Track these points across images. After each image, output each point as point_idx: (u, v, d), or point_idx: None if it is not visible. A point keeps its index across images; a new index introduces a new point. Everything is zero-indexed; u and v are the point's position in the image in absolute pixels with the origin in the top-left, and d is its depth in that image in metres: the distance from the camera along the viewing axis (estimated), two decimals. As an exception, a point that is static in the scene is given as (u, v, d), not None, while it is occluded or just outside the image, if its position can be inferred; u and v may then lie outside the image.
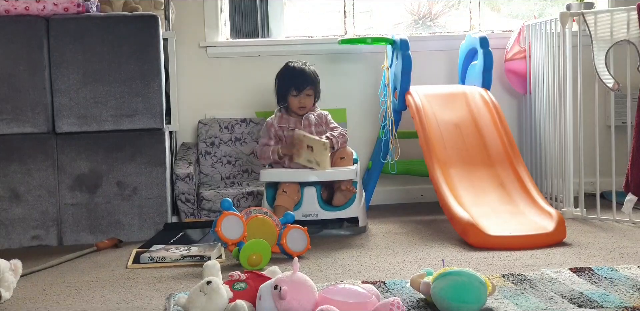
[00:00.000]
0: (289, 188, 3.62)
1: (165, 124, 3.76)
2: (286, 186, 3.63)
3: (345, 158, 3.78)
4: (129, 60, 3.66)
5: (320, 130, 3.84)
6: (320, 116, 3.88)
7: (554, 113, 4.05)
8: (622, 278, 2.62)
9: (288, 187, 3.63)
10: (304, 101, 3.81)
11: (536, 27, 4.23)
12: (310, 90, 3.82)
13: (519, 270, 2.82)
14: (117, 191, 3.68)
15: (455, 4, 5.26)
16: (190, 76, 4.52)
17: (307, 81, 3.82)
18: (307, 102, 3.82)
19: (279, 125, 3.83)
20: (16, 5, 3.60)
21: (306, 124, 3.81)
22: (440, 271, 2.33)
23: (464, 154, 3.85)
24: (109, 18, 3.71)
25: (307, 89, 3.81)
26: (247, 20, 5.01)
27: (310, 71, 3.89)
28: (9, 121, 3.59)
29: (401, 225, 3.87)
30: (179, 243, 3.42)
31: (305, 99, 3.81)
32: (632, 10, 3.65)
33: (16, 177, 3.61)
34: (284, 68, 3.93)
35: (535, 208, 3.54)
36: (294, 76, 3.85)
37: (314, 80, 3.87)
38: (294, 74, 3.85)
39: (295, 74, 3.85)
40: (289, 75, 3.87)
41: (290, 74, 3.87)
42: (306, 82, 3.82)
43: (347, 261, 3.10)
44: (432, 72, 4.62)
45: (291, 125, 3.82)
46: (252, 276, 2.34)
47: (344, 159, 3.77)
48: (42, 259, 3.25)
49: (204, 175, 4.34)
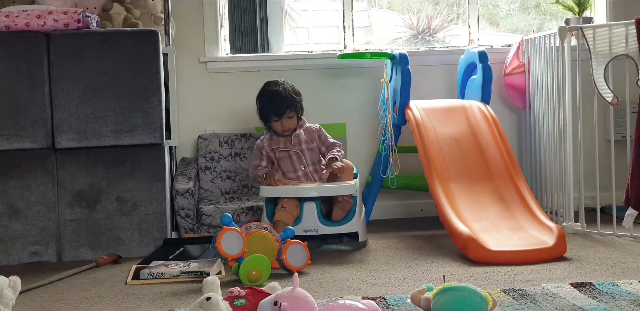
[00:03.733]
0: (287, 203, 3.62)
1: (165, 139, 3.76)
2: (285, 201, 3.63)
3: (342, 177, 3.76)
4: (128, 75, 3.66)
5: (311, 147, 3.83)
6: (311, 131, 3.87)
7: (553, 127, 4.05)
8: (623, 293, 2.62)
9: (287, 202, 3.62)
10: (286, 124, 3.79)
11: (535, 41, 4.24)
12: (290, 112, 3.78)
13: (519, 285, 2.82)
14: (117, 207, 3.67)
15: (454, 18, 5.29)
16: (190, 91, 4.53)
17: (284, 105, 3.77)
18: (290, 124, 3.80)
19: (270, 147, 3.83)
20: (17, 21, 3.61)
21: (296, 142, 3.81)
22: (441, 287, 2.32)
23: (463, 168, 3.85)
24: (109, 34, 3.72)
25: (287, 113, 3.77)
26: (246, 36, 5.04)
27: (287, 92, 3.81)
28: (8, 137, 3.59)
29: (401, 240, 3.86)
30: (179, 259, 3.41)
31: (287, 121, 3.78)
32: (631, 25, 3.66)
33: (15, 193, 3.60)
34: (261, 92, 3.90)
35: (536, 222, 3.53)
36: (271, 101, 3.80)
37: (292, 102, 3.80)
38: (271, 99, 3.81)
39: (272, 99, 3.80)
40: (267, 100, 3.83)
41: (267, 98, 3.83)
42: (284, 106, 3.77)
43: (347, 276, 3.09)
44: (432, 87, 4.63)
45: (281, 146, 3.81)
46: (251, 292, 2.34)
47: (341, 177, 3.76)
48: (41, 275, 3.24)
49: (203, 190, 4.34)
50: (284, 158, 3.82)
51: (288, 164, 3.81)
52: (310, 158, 3.83)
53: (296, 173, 3.80)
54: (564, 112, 3.94)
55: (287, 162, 3.81)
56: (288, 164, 3.81)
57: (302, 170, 3.80)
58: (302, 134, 3.83)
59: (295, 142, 3.81)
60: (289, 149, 3.80)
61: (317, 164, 3.84)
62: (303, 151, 3.80)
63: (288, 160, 3.81)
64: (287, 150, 3.80)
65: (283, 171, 3.82)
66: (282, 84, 3.88)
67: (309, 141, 3.84)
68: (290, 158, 3.81)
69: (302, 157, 3.81)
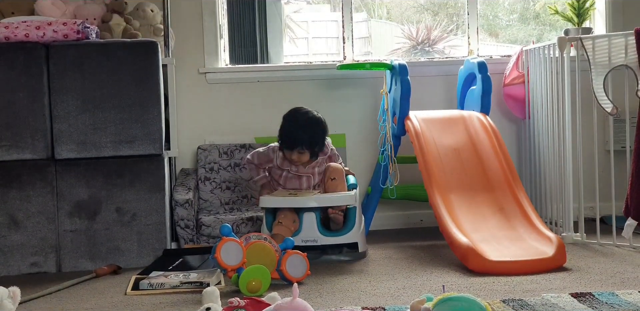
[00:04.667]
0: (285, 219, 3.60)
1: (164, 150, 3.76)
2: (282, 217, 3.61)
3: (336, 178, 3.76)
4: (128, 86, 3.67)
5: (321, 170, 3.84)
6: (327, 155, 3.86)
7: (553, 138, 4.06)
8: (622, 303, 2.61)
9: (284, 218, 3.60)
10: (296, 158, 3.76)
11: (534, 52, 4.25)
12: (302, 149, 3.72)
13: (519, 295, 2.81)
14: (116, 218, 3.67)
15: (454, 29, 5.30)
16: (189, 102, 4.53)
17: (298, 142, 3.71)
18: (302, 158, 3.77)
19: (282, 167, 3.81)
20: (16, 32, 3.62)
21: (312, 165, 3.81)
22: (441, 297, 2.32)
23: (463, 179, 3.85)
24: (108, 45, 3.72)
25: (297, 148, 3.72)
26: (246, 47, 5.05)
27: (308, 129, 3.72)
28: (8, 148, 3.59)
29: (401, 250, 3.86)
30: (178, 270, 3.40)
31: (298, 156, 3.75)
32: (630, 36, 3.67)
33: (15, 203, 3.60)
34: (286, 116, 3.82)
35: (535, 233, 3.53)
36: (288, 132, 3.75)
37: (309, 140, 3.72)
38: (288, 130, 3.75)
39: (289, 131, 3.75)
40: (284, 129, 3.77)
41: (287, 129, 3.77)
42: (297, 143, 3.71)
43: (346, 287, 3.09)
44: (431, 97, 4.63)
45: (292, 169, 3.80)
46: (251, 303, 2.33)
47: (335, 179, 3.77)
48: (40, 286, 3.23)
49: (203, 201, 4.34)
50: (292, 178, 3.81)
51: (295, 184, 3.82)
52: (318, 179, 3.84)
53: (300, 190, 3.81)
54: (563, 122, 3.94)
55: (295, 182, 3.82)
56: (295, 184, 3.82)
57: (304, 189, 3.80)
58: (316, 172, 3.83)
59: (308, 168, 3.81)
60: (301, 174, 3.81)
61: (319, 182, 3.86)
62: (314, 174, 3.80)
63: (297, 181, 3.82)
64: (300, 174, 3.81)
65: (286, 187, 3.83)
66: (311, 117, 3.79)
67: (322, 163, 3.85)
68: (300, 180, 3.82)
69: (311, 179, 3.81)
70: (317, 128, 3.77)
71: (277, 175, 3.83)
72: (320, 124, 3.79)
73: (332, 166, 3.81)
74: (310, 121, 3.77)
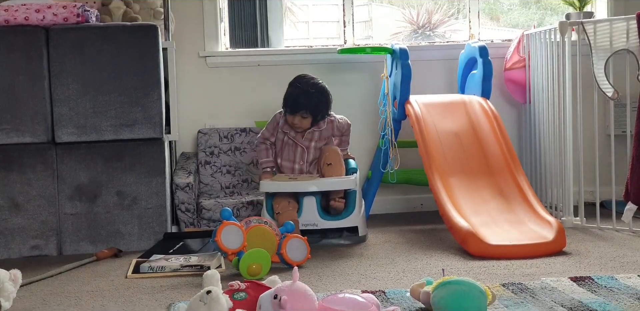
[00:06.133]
0: (280, 207, 3.62)
1: (164, 134, 3.76)
2: (277, 207, 3.63)
3: (332, 163, 3.76)
4: (128, 70, 3.66)
5: (319, 145, 3.84)
6: (333, 128, 3.87)
7: (553, 122, 4.05)
8: (622, 287, 2.62)
9: (280, 206, 3.62)
10: (298, 122, 3.77)
11: (535, 36, 4.24)
12: (305, 113, 3.75)
13: (518, 279, 2.82)
14: (117, 201, 3.67)
15: (455, 13, 5.28)
16: (189, 86, 4.52)
17: (301, 106, 3.73)
18: (303, 124, 3.78)
19: (282, 129, 3.83)
20: (16, 15, 3.61)
21: (308, 138, 3.81)
22: (440, 281, 2.33)
23: (463, 163, 3.85)
24: (108, 28, 3.71)
25: (300, 112, 3.75)
26: (246, 30, 5.03)
27: (313, 94, 3.75)
28: (8, 131, 3.59)
29: (401, 234, 3.86)
30: (179, 253, 3.41)
31: (300, 120, 3.76)
32: (632, 20, 3.66)
33: (16, 187, 3.61)
34: (291, 82, 3.87)
35: (535, 217, 3.54)
36: (292, 97, 3.77)
37: (312, 105, 3.75)
38: (292, 95, 3.78)
39: (293, 95, 3.77)
40: (289, 93, 3.81)
41: (289, 93, 3.81)
42: (300, 107, 3.73)
43: (346, 270, 3.10)
44: (432, 82, 4.62)
45: (291, 134, 3.82)
46: (252, 286, 2.34)
47: (331, 165, 3.76)
48: (41, 269, 3.24)
49: (203, 185, 4.34)
50: (290, 146, 3.82)
51: (291, 153, 3.82)
52: (312, 156, 3.83)
53: (293, 164, 3.81)
54: (564, 107, 3.93)
55: (291, 151, 3.82)
56: (291, 153, 3.82)
57: (299, 165, 3.81)
58: (316, 134, 3.83)
59: (306, 138, 3.81)
60: (297, 142, 3.81)
61: (315, 160, 3.85)
62: (309, 148, 3.80)
63: (292, 150, 3.82)
64: (295, 142, 3.80)
65: (282, 157, 3.82)
66: (316, 84, 3.82)
67: (323, 139, 3.85)
68: (295, 149, 3.81)
69: (305, 154, 3.81)
70: (321, 95, 3.79)
71: (280, 140, 3.84)
72: (325, 92, 3.82)
73: (328, 150, 3.81)
74: (316, 88, 3.80)
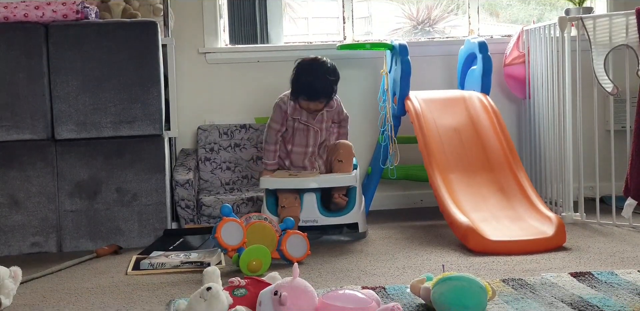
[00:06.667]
0: (287, 201, 3.62)
1: (164, 131, 3.76)
2: (284, 200, 3.63)
3: (343, 161, 3.75)
4: (128, 66, 3.66)
5: (329, 126, 3.84)
6: (333, 108, 3.84)
7: (553, 118, 4.05)
8: (622, 283, 2.62)
9: (286, 201, 3.62)
10: (314, 106, 3.72)
11: (535, 32, 4.23)
12: (322, 99, 3.70)
13: (519, 275, 2.82)
14: (117, 198, 3.67)
15: (454, 9, 5.28)
16: (189, 82, 4.52)
17: (321, 93, 3.68)
18: (318, 107, 3.73)
19: (292, 116, 3.77)
20: (15, 12, 3.60)
21: (320, 119, 3.79)
22: (441, 276, 2.33)
23: (463, 159, 3.85)
24: (108, 25, 3.71)
25: (319, 99, 3.70)
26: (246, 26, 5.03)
27: (329, 79, 3.69)
28: (8, 128, 3.59)
29: (401, 230, 3.86)
30: (179, 249, 3.41)
31: (316, 104, 3.72)
32: (631, 15, 3.66)
33: (15, 184, 3.61)
34: (304, 66, 3.75)
35: (535, 212, 3.54)
36: (309, 84, 3.67)
37: (329, 90, 3.70)
38: (309, 83, 3.67)
39: (311, 83, 3.67)
40: (306, 81, 3.68)
41: (306, 81, 3.69)
42: (320, 94, 3.68)
43: (347, 266, 3.10)
44: (431, 77, 4.62)
45: (303, 118, 3.76)
46: (252, 282, 2.34)
47: (342, 162, 3.76)
48: (41, 266, 3.24)
49: (203, 181, 4.34)
50: (301, 131, 3.78)
51: (303, 137, 3.79)
52: (322, 137, 3.82)
53: (306, 148, 3.79)
54: (563, 102, 3.93)
55: (303, 135, 3.79)
56: (303, 137, 3.79)
57: (311, 148, 3.79)
58: (325, 114, 3.81)
59: (318, 120, 3.79)
60: (310, 125, 3.79)
61: (324, 142, 3.85)
62: (322, 129, 3.79)
63: (304, 134, 3.79)
64: (308, 125, 3.79)
65: (294, 143, 3.81)
66: (328, 67, 3.74)
67: (329, 119, 3.84)
68: (307, 133, 3.79)
69: (318, 135, 3.79)
70: (334, 78, 3.74)
71: (290, 127, 3.79)
72: (337, 74, 3.78)
73: (342, 147, 3.79)
74: (331, 71, 3.74)
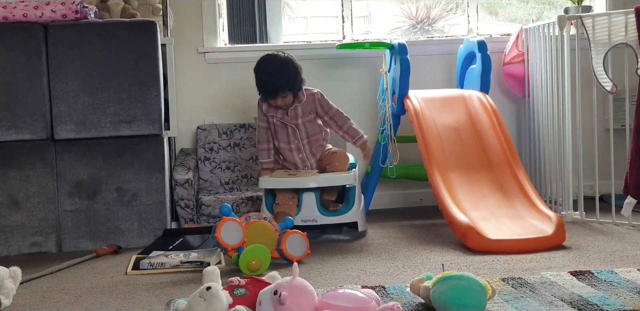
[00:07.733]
0: (283, 199, 3.63)
1: (164, 130, 3.76)
2: (280, 198, 3.64)
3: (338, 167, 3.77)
4: (127, 66, 3.66)
5: (309, 119, 3.79)
6: (310, 102, 3.79)
7: (552, 117, 4.05)
8: (621, 281, 2.62)
9: (282, 198, 3.64)
10: (282, 102, 3.71)
11: (534, 30, 4.23)
12: (284, 93, 3.67)
13: (518, 274, 2.82)
14: (116, 197, 3.67)
15: (453, 8, 5.28)
16: (188, 82, 4.52)
17: (277, 89, 3.66)
18: (286, 102, 3.71)
19: (268, 114, 3.77)
20: (14, 12, 3.60)
21: (293, 115, 3.76)
22: (440, 276, 2.33)
23: (463, 158, 3.85)
24: (107, 24, 3.71)
25: (280, 94, 3.67)
26: (245, 26, 5.02)
27: (283, 72, 3.67)
28: (7, 128, 3.59)
29: (400, 229, 3.86)
30: (179, 249, 3.41)
31: (282, 100, 3.69)
32: (630, 14, 3.66)
33: (15, 184, 3.61)
34: (258, 66, 3.75)
35: (535, 211, 3.54)
36: (262, 82, 3.70)
37: (286, 82, 3.67)
38: (262, 80, 3.70)
39: (263, 80, 3.70)
40: (261, 79, 3.71)
41: (261, 78, 3.71)
42: (277, 90, 3.66)
43: (346, 266, 3.10)
44: (431, 77, 4.62)
45: (278, 116, 3.76)
46: (251, 282, 2.34)
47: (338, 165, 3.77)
48: (41, 266, 3.25)
49: (203, 181, 4.34)
50: (280, 127, 3.78)
51: (284, 135, 3.79)
52: (305, 132, 3.79)
53: (290, 145, 3.79)
54: (563, 101, 3.93)
55: (283, 133, 3.78)
56: (284, 135, 3.79)
57: (295, 144, 3.79)
58: (299, 108, 3.78)
59: (292, 116, 3.77)
60: (286, 123, 3.78)
61: (311, 136, 3.81)
62: (299, 125, 3.77)
63: (284, 131, 3.78)
64: (284, 122, 3.78)
65: (279, 139, 3.80)
66: (278, 61, 3.72)
67: (307, 112, 3.79)
68: (286, 130, 3.78)
69: (297, 132, 3.77)
70: (289, 69, 3.70)
71: (271, 124, 3.79)
72: (291, 63, 3.73)
73: (337, 158, 3.78)
74: (281, 64, 3.71)
